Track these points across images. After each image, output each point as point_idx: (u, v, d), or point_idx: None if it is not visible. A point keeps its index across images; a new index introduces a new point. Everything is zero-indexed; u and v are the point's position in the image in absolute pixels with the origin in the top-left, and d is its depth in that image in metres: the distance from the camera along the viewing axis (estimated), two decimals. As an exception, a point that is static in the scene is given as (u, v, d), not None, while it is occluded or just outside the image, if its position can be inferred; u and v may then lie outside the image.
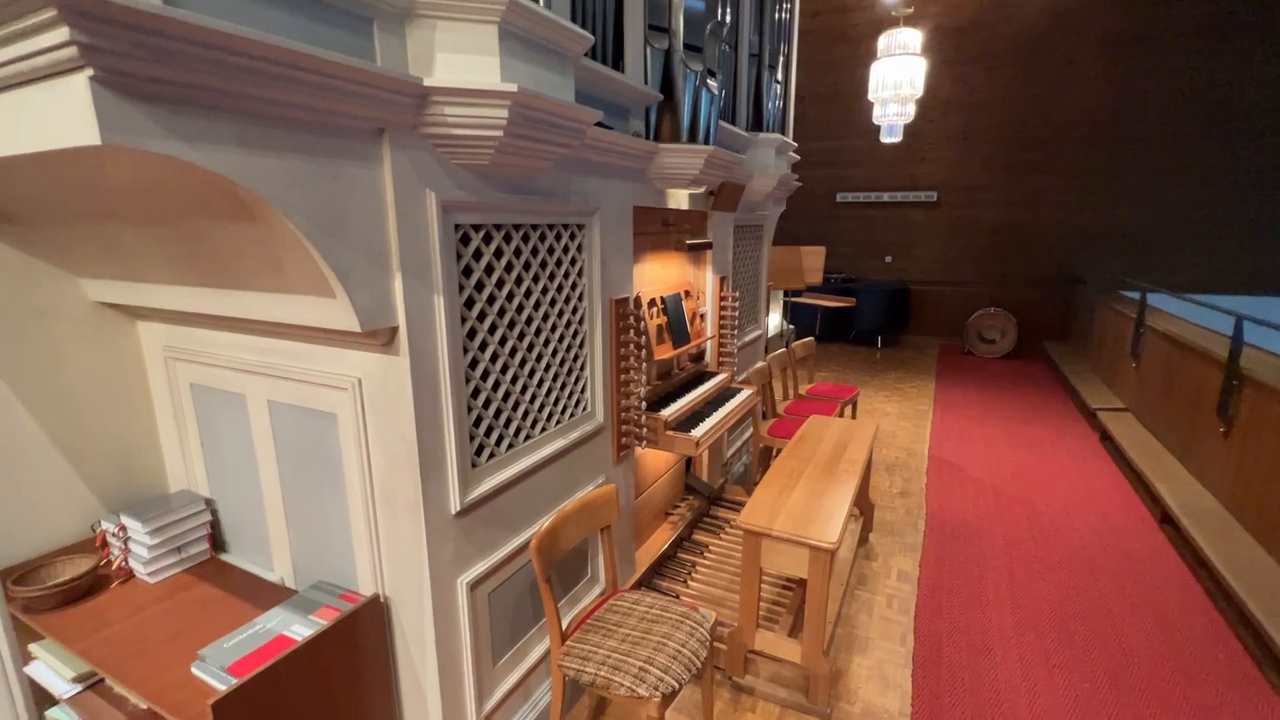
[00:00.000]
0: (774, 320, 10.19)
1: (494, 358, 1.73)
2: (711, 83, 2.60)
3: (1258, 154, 6.68)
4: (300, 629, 1.49)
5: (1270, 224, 7.05)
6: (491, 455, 1.76)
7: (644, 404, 2.48)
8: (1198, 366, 3.84)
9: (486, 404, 1.72)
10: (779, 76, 3.70)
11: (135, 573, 1.80)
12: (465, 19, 1.35)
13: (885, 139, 6.12)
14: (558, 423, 2.05)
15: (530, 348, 1.88)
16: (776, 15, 3.55)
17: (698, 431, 2.54)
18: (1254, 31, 5.98)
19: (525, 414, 1.89)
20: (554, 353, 1.99)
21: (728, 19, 3.16)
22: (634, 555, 2.72)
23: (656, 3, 2.33)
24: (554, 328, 1.98)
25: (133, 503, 1.91)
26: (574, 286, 2.07)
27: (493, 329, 1.72)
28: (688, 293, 3.05)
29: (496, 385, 1.75)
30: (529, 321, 1.86)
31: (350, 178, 1.27)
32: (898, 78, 5.52)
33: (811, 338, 5.00)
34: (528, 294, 1.84)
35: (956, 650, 2.56)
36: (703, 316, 3.25)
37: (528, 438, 1.91)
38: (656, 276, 2.85)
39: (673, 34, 2.41)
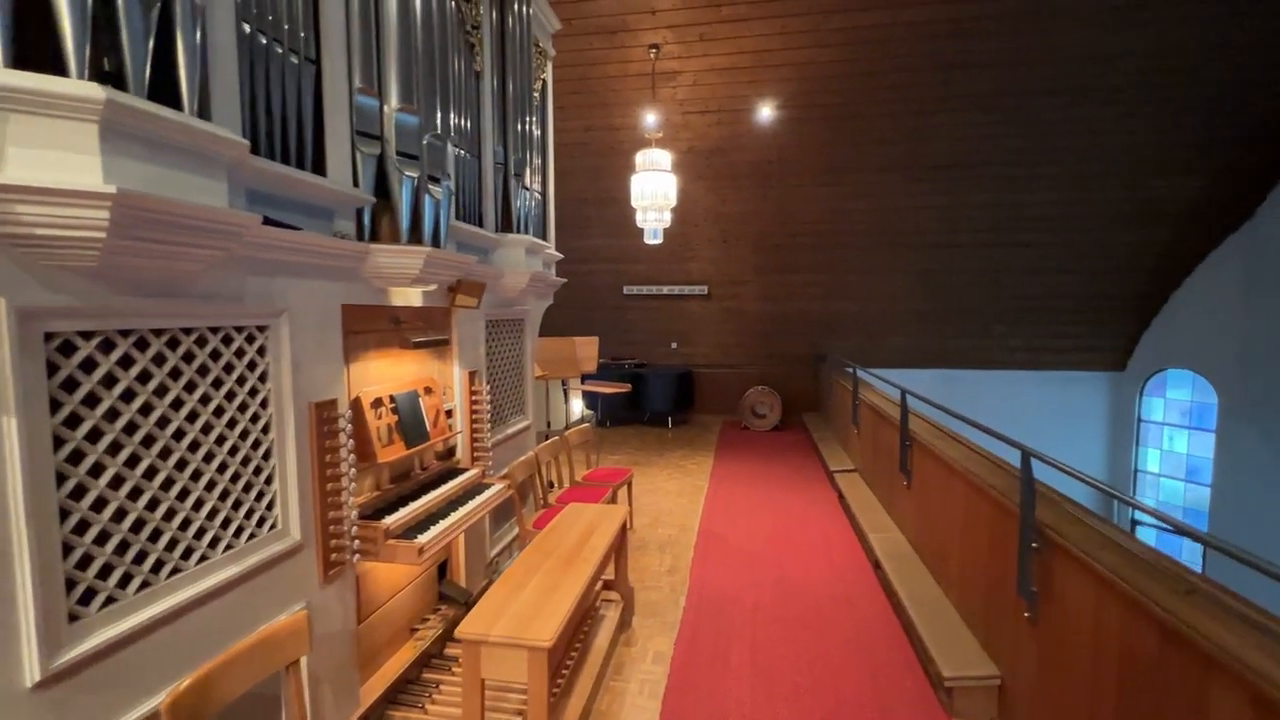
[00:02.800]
0: (576, 407, 10.40)
1: (117, 482, 1.49)
2: (435, 187, 2.69)
3: (928, 261, 8.65)
4: None
5: (947, 314, 9.07)
6: (110, 601, 1.47)
7: (356, 513, 2.30)
8: (888, 430, 4.67)
9: (102, 539, 1.45)
10: (528, 183, 3.97)
11: None
12: (48, 115, 1.24)
13: (649, 241, 6.82)
14: (228, 548, 1.80)
15: (181, 465, 1.65)
16: (520, 128, 3.85)
17: (424, 537, 2.41)
18: (916, 169, 7.93)
19: (171, 544, 1.63)
20: (220, 468, 1.78)
21: (467, 127, 3.36)
22: (357, 688, 2.42)
23: (365, 111, 2.39)
24: (221, 440, 1.78)
25: None
26: (253, 393, 1.90)
27: (115, 449, 1.48)
28: (428, 389, 2.98)
29: (121, 515, 1.50)
30: (180, 435, 1.65)
31: None
32: (654, 189, 6.26)
33: (587, 423, 5.16)
34: (177, 405, 1.64)
35: (696, 727, 2.63)
36: (449, 412, 3.18)
37: (176, 571, 1.64)
38: (386, 374, 2.75)
39: (385, 141, 2.47)
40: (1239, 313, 7.45)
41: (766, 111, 7.33)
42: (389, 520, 2.40)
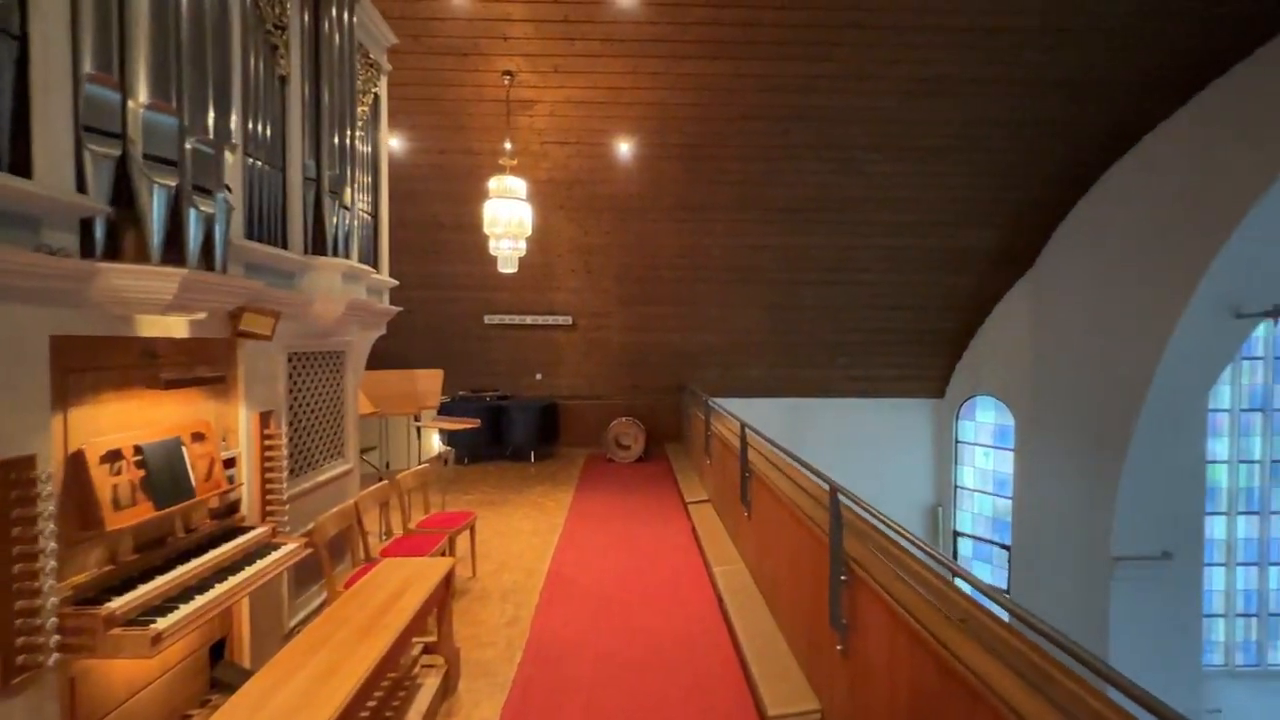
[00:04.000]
0: (436, 443, 9.72)
1: None
2: (206, 200, 2.31)
3: (778, 296, 9.20)
4: None
5: (797, 346, 9.67)
6: None
7: (59, 599, 1.82)
8: (733, 461, 4.75)
9: None
10: (349, 202, 3.61)
11: None
12: None
13: (502, 269, 6.59)
14: None
15: None
16: (339, 142, 3.50)
17: (165, 622, 1.97)
18: (764, 210, 8.46)
19: None
20: None
21: (265, 135, 2.97)
22: (62, 824, 1.89)
23: (98, 104, 1.98)
24: None
25: None
26: (-124, 454, 1.43)
27: None
28: (199, 435, 2.52)
29: None
30: None
31: None
32: (508, 216, 6.06)
33: (426, 464, 4.76)
34: None
35: (513, 808, 2.36)
36: (230, 462, 2.71)
37: None
38: (133, 419, 2.27)
39: (129, 141, 2.07)
40: (1027, 345, 8.64)
41: (625, 147, 7.45)
42: (116, 604, 1.93)
